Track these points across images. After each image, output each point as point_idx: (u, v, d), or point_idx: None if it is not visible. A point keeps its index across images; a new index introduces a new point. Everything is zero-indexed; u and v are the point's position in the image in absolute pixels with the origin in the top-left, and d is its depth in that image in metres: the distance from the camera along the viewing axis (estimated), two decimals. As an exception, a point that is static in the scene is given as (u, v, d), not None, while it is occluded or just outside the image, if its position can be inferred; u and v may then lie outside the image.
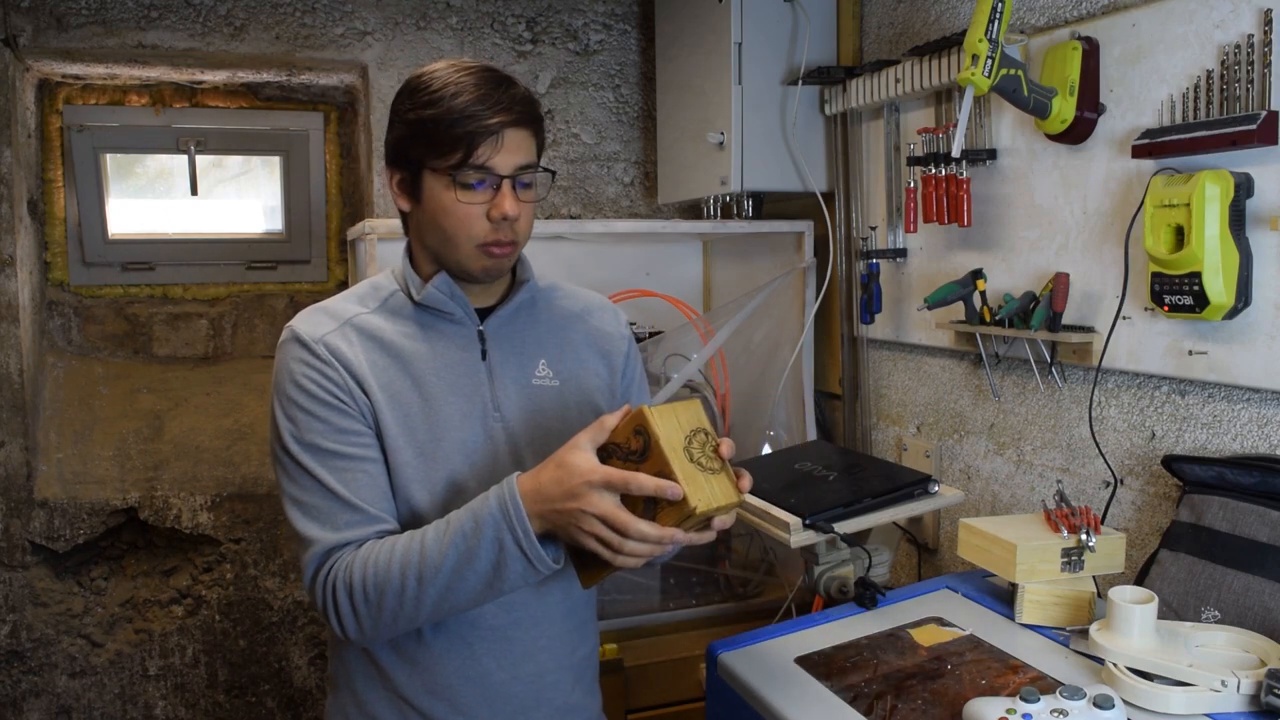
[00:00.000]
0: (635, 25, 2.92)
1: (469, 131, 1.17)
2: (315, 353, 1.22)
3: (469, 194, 1.19)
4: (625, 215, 2.95)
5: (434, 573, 1.11)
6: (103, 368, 2.87)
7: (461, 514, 1.13)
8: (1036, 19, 1.78)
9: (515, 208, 1.20)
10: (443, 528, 1.13)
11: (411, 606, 1.13)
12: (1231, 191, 1.37)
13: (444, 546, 1.11)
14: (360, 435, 1.21)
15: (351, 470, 1.19)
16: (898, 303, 2.19)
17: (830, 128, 2.35)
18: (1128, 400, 1.64)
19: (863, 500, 1.63)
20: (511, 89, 1.21)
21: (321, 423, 1.20)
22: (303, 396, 1.21)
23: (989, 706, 1.09)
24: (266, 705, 2.81)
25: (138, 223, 2.98)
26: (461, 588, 1.12)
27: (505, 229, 1.21)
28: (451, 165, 1.18)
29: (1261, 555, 1.31)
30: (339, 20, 2.67)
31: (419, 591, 1.12)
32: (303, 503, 1.19)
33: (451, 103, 1.18)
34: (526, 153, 1.21)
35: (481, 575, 1.11)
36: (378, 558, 1.14)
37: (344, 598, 1.15)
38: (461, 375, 1.26)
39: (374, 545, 1.16)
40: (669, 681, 2.05)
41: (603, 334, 1.40)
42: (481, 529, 1.10)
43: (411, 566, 1.12)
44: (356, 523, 1.18)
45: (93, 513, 2.59)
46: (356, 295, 1.32)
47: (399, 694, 1.26)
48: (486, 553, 1.10)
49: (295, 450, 1.20)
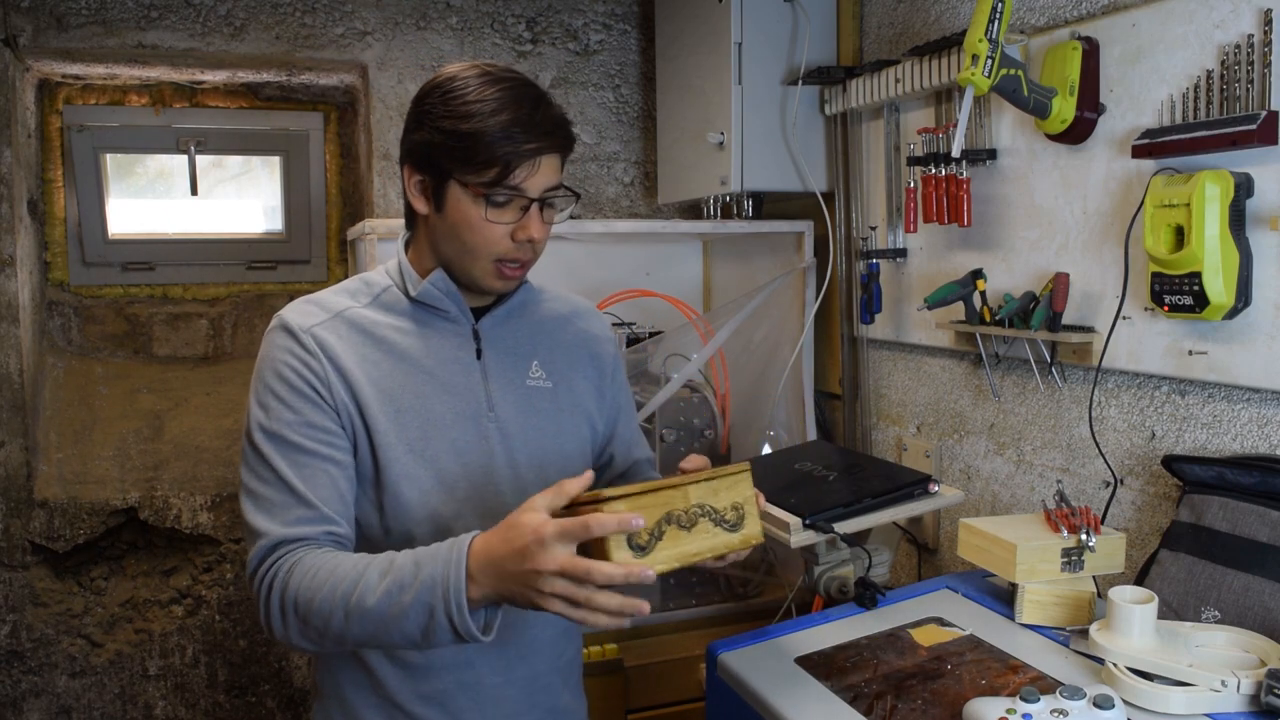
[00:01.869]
0: (635, 25, 2.92)
1: (506, 153, 1.15)
2: (301, 343, 1.20)
3: (497, 212, 1.18)
4: (625, 215, 2.95)
5: (361, 614, 1.05)
6: (103, 368, 2.87)
7: (406, 562, 1.05)
8: (1036, 19, 1.78)
9: (542, 231, 1.20)
10: (385, 568, 1.06)
11: (337, 635, 1.08)
12: (1231, 191, 1.37)
13: (379, 593, 1.04)
14: (329, 433, 1.18)
15: (312, 467, 1.16)
16: (898, 303, 2.19)
17: (830, 128, 2.35)
18: (1128, 400, 1.64)
19: (863, 500, 1.63)
20: (549, 110, 1.19)
21: (293, 413, 1.17)
22: (279, 384, 1.18)
23: (989, 706, 1.09)
24: (266, 705, 2.81)
25: (138, 223, 2.98)
26: (387, 638, 1.06)
27: (526, 249, 1.21)
28: (484, 183, 1.16)
29: (1261, 555, 1.31)
30: (339, 20, 2.67)
31: (345, 626, 1.06)
32: (257, 494, 1.16)
33: (490, 120, 1.14)
34: (556, 175, 1.21)
35: (409, 635, 1.04)
36: (318, 573, 1.09)
37: (276, 601, 1.11)
38: (456, 374, 1.26)
39: (319, 558, 1.11)
40: (669, 681, 2.05)
41: (591, 336, 1.41)
42: (418, 589, 1.02)
43: (341, 599, 1.06)
44: (307, 520, 1.14)
45: (93, 513, 2.59)
46: (348, 290, 1.30)
47: (391, 700, 1.25)
48: (416, 616, 1.02)
49: (259, 439, 1.17)
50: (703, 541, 1.06)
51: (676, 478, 1.09)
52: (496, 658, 1.27)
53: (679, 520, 1.04)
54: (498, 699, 1.27)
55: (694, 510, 1.06)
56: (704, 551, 1.06)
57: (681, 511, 1.04)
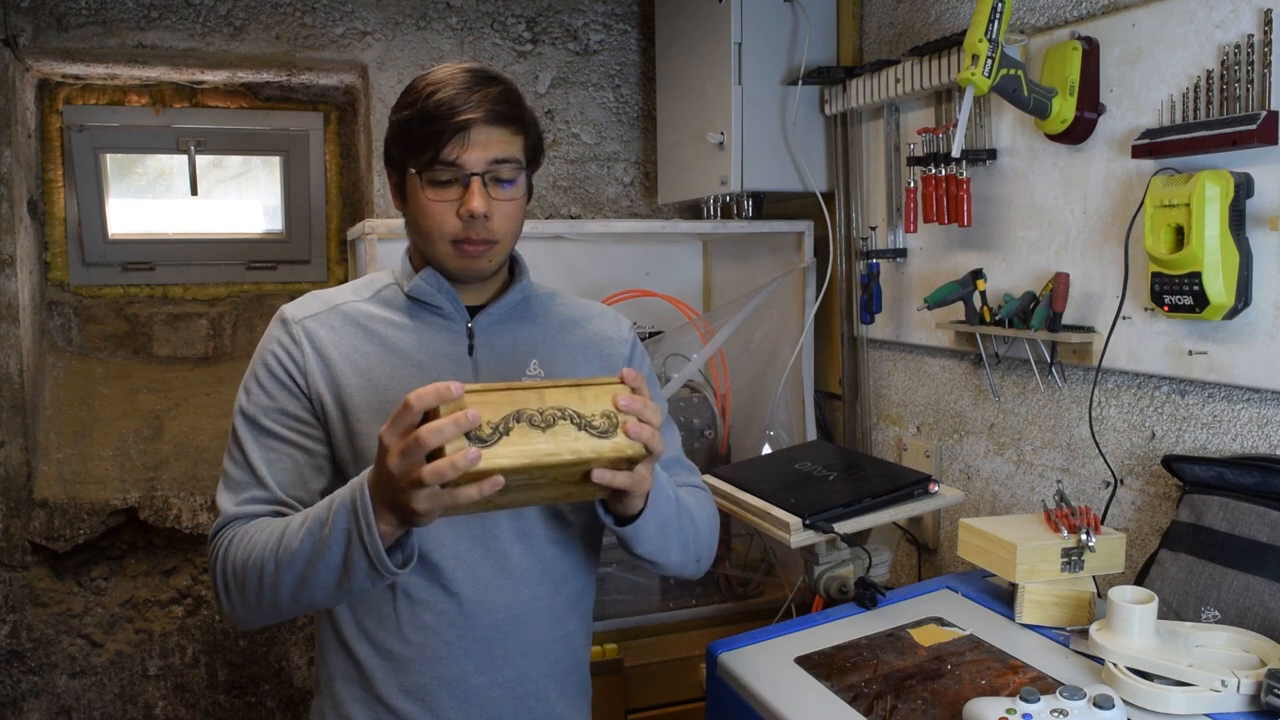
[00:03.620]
0: (635, 25, 2.92)
1: (436, 130, 1.17)
2: (291, 333, 1.25)
3: (438, 191, 1.20)
4: (625, 215, 2.95)
5: (289, 558, 1.08)
6: (103, 368, 2.87)
7: (320, 504, 1.09)
8: (1036, 19, 1.78)
9: (483, 204, 1.18)
10: (304, 515, 1.10)
11: (270, 591, 1.11)
12: (1231, 191, 1.37)
13: (302, 532, 1.08)
14: (300, 421, 1.22)
15: (277, 451, 1.22)
16: (898, 303, 2.19)
17: (830, 128, 2.35)
18: (1128, 400, 1.64)
19: (863, 500, 1.63)
20: (489, 87, 1.20)
21: (268, 398, 1.23)
22: (263, 371, 1.25)
23: (989, 706, 1.09)
24: (266, 705, 2.81)
25: (138, 223, 2.98)
26: (315, 580, 1.08)
27: (478, 227, 1.20)
28: (423, 163, 1.19)
29: (1261, 555, 1.31)
30: (339, 20, 2.67)
31: (276, 577, 1.09)
32: (226, 473, 1.23)
33: (426, 102, 1.18)
34: (502, 149, 1.20)
35: (333, 569, 1.06)
36: (251, 536, 1.13)
37: (219, 574, 1.16)
38: (446, 369, 1.25)
39: (252, 525, 1.15)
40: (669, 681, 2.05)
41: (603, 337, 1.38)
42: (334, 522, 1.05)
43: (271, 551, 1.10)
44: (260, 499, 1.19)
45: (93, 513, 2.59)
46: (352, 286, 1.35)
47: (374, 693, 1.24)
48: (336, 544, 1.05)
49: (237, 421, 1.24)
50: (561, 443, 0.99)
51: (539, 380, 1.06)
52: (481, 656, 1.24)
53: (531, 419, 0.99)
54: (483, 701, 1.25)
55: (552, 411, 1.00)
56: (561, 452, 0.98)
57: (535, 411, 0.99)
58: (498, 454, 0.96)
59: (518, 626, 1.26)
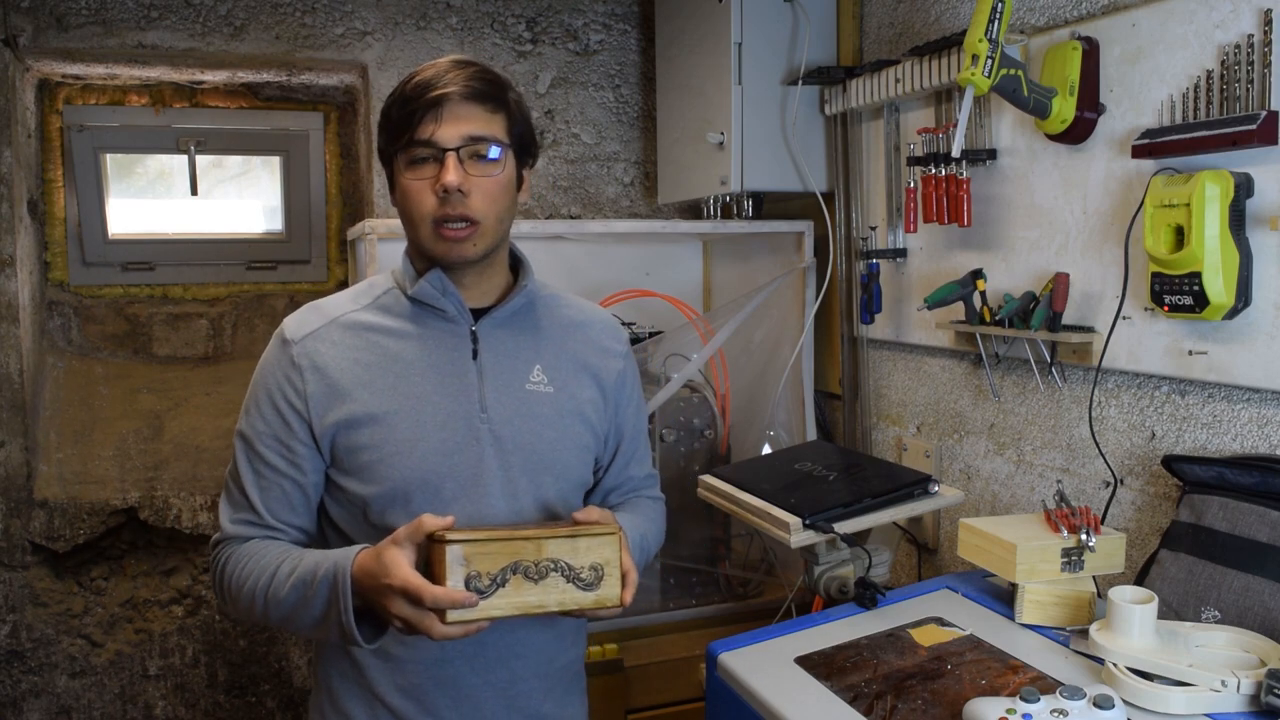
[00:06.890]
0: (635, 25, 2.92)
1: (410, 110, 1.19)
2: (290, 356, 1.25)
3: (415, 170, 1.20)
4: (625, 215, 2.95)
5: (277, 603, 1.18)
6: (103, 368, 2.87)
7: (311, 561, 1.17)
8: (1036, 19, 1.78)
9: (457, 178, 1.18)
10: (295, 563, 1.18)
11: (261, 618, 1.22)
12: (1231, 191, 1.37)
13: (288, 585, 1.17)
14: (293, 452, 1.25)
15: (270, 479, 1.25)
16: (898, 303, 2.19)
17: (830, 128, 2.35)
18: (1128, 400, 1.64)
19: (863, 500, 1.63)
20: (466, 69, 1.22)
21: (265, 425, 1.25)
22: (262, 394, 1.26)
23: (989, 706, 1.09)
24: (266, 705, 2.81)
25: (138, 223, 2.97)
26: (299, 623, 1.18)
27: (455, 203, 1.19)
28: (401, 146, 1.20)
29: (1261, 555, 1.31)
30: (339, 20, 2.67)
31: (265, 610, 1.20)
32: (226, 484, 1.30)
33: (404, 87, 1.22)
34: (478, 126, 1.20)
35: (314, 622, 1.16)
36: (248, 561, 1.22)
37: (217, 585, 1.27)
38: (450, 375, 1.25)
39: (247, 549, 1.24)
40: (669, 681, 2.05)
41: (600, 349, 1.38)
42: (318, 588, 1.14)
43: (262, 587, 1.19)
44: (251, 523, 1.26)
45: (93, 513, 2.59)
46: (351, 293, 1.33)
47: (371, 690, 1.26)
48: (317, 607, 1.15)
49: (237, 440, 1.30)
50: (549, 595, 1.10)
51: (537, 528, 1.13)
52: (474, 657, 1.26)
53: (527, 571, 1.09)
54: (475, 700, 1.27)
55: (545, 564, 1.10)
56: (548, 604, 1.10)
57: (531, 563, 1.09)
58: (492, 605, 1.07)
59: (509, 628, 1.27)
